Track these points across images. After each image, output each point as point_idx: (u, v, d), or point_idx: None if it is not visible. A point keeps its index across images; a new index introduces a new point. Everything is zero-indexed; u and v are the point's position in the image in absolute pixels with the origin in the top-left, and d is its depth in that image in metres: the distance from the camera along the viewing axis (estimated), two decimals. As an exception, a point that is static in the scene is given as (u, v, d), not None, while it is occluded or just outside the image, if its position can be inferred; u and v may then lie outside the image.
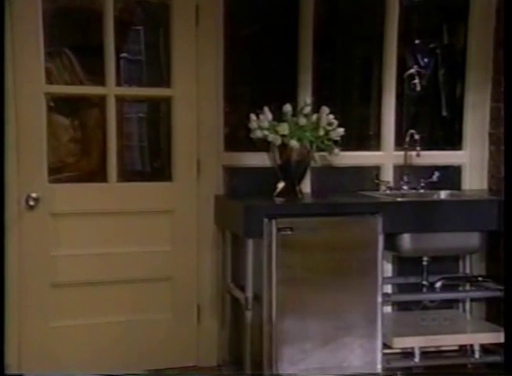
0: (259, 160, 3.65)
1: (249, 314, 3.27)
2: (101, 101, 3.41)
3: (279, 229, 3.15)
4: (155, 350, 3.48)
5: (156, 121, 3.78)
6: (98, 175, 3.48)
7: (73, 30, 3.46)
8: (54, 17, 3.28)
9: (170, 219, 3.53)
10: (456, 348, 3.74)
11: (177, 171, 3.55)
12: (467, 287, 3.84)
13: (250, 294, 3.26)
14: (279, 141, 3.43)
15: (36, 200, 3.27)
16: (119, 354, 3.41)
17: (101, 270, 3.40)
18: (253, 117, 3.46)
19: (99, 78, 3.38)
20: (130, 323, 3.46)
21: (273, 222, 3.15)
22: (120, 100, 3.47)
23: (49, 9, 3.24)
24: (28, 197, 3.26)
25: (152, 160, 3.79)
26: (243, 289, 3.32)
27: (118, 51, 3.43)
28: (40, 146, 3.31)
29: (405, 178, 3.82)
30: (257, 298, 3.23)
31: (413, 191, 3.80)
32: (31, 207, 3.27)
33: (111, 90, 3.41)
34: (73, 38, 3.48)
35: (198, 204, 3.59)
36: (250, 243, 3.24)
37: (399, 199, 3.59)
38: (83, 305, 3.39)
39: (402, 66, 3.87)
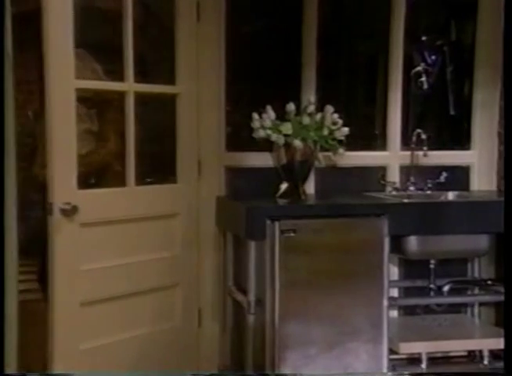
0: (262, 160, 3.68)
1: (251, 318, 3.29)
2: (117, 100, 3.33)
3: (282, 231, 3.18)
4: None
5: (161, 120, 3.77)
6: (117, 178, 3.38)
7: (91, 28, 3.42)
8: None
9: (175, 222, 3.50)
10: (464, 353, 3.76)
11: (180, 172, 3.54)
12: (476, 290, 3.86)
13: (252, 297, 3.28)
14: (282, 141, 3.46)
15: (66, 209, 2.99)
16: (137, 367, 3.34)
17: (123, 282, 3.27)
18: (255, 116, 3.49)
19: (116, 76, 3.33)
20: (150, 335, 3.39)
21: (276, 223, 3.18)
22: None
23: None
24: (58, 206, 2.98)
25: (161, 162, 3.72)
26: (245, 292, 3.35)
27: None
28: (70, 148, 3.06)
29: (412, 179, 3.85)
30: (260, 301, 3.25)
31: (420, 192, 3.82)
32: (63, 217, 2.99)
33: (131, 87, 3.27)
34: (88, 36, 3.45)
35: (199, 206, 3.61)
36: (253, 245, 3.27)
37: (406, 200, 3.61)
38: (109, 323, 3.24)
39: (408, 64, 3.89)
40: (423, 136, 3.77)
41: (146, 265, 3.36)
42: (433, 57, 4.03)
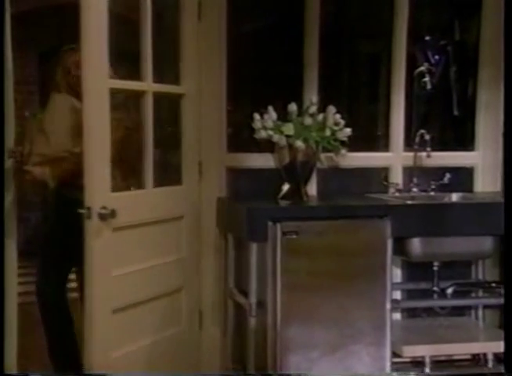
0: (263, 161, 3.69)
1: (253, 321, 3.30)
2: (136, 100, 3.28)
3: (283, 233, 3.19)
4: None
5: (165, 120, 3.78)
6: (137, 179, 3.35)
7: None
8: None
9: (182, 224, 3.49)
10: (468, 357, 3.77)
11: (185, 173, 3.54)
12: (480, 293, 3.87)
13: (253, 300, 3.29)
14: (283, 141, 3.47)
15: (104, 213, 2.92)
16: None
17: (145, 287, 3.25)
18: (257, 116, 3.50)
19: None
20: (161, 341, 3.37)
21: (278, 225, 3.19)
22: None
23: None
24: (96, 211, 2.91)
25: (166, 163, 3.71)
26: (246, 295, 3.35)
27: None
28: (105, 150, 2.98)
29: (415, 180, 3.86)
30: (261, 304, 3.27)
31: (423, 193, 3.83)
32: (100, 221, 2.92)
33: (150, 87, 3.24)
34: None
35: (200, 207, 3.62)
36: (254, 247, 3.28)
37: (409, 202, 3.63)
38: (133, 329, 3.22)
39: (411, 64, 3.90)
40: (427, 137, 3.78)
41: (161, 269, 3.35)
42: (436, 57, 4.04)
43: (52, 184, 3.37)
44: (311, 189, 3.75)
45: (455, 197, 3.86)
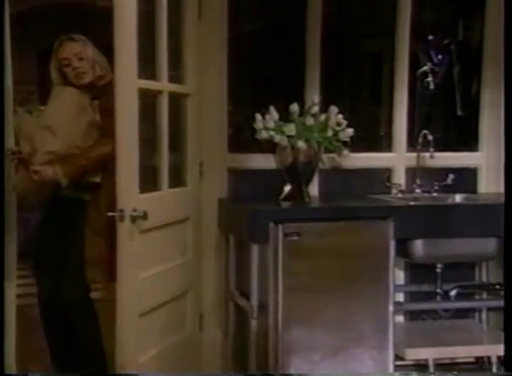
0: (265, 162, 3.69)
1: (254, 323, 3.31)
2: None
3: (285, 234, 3.19)
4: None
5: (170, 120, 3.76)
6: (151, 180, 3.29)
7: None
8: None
9: (188, 226, 3.49)
10: (472, 360, 3.76)
11: (190, 174, 3.53)
12: (484, 295, 3.87)
13: (255, 302, 3.30)
14: (285, 142, 3.48)
15: (137, 215, 2.89)
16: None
17: (164, 289, 3.26)
18: (258, 117, 3.51)
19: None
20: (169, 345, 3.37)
21: (279, 226, 3.19)
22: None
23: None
24: (128, 213, 2.86)
25: (173, 164, 3.65)
26: (247, 297, 3.36)
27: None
28: (134, 151, 2.95)
29: (418, 181, 3.86)
30: (263, 306, 3.27)
31: (426, 194, 3.84)
32: (132, 224, 2.89)
33: (165, 86, 3.22)
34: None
35: (201, 208, 3.62)
36: (255, 248, 3.29)
37: (412, 203, 3.63)
38: (155, 332, 3.22)
39: (414, 64, 3.91)
40: (430, 137, 3.78)
41: (175, 271, 3.35)
42: (440, 57, 4.05)
43: (65, 182, 3.24)
44: (313, 190, 3.75)
45: (458, 198, 3.86)
